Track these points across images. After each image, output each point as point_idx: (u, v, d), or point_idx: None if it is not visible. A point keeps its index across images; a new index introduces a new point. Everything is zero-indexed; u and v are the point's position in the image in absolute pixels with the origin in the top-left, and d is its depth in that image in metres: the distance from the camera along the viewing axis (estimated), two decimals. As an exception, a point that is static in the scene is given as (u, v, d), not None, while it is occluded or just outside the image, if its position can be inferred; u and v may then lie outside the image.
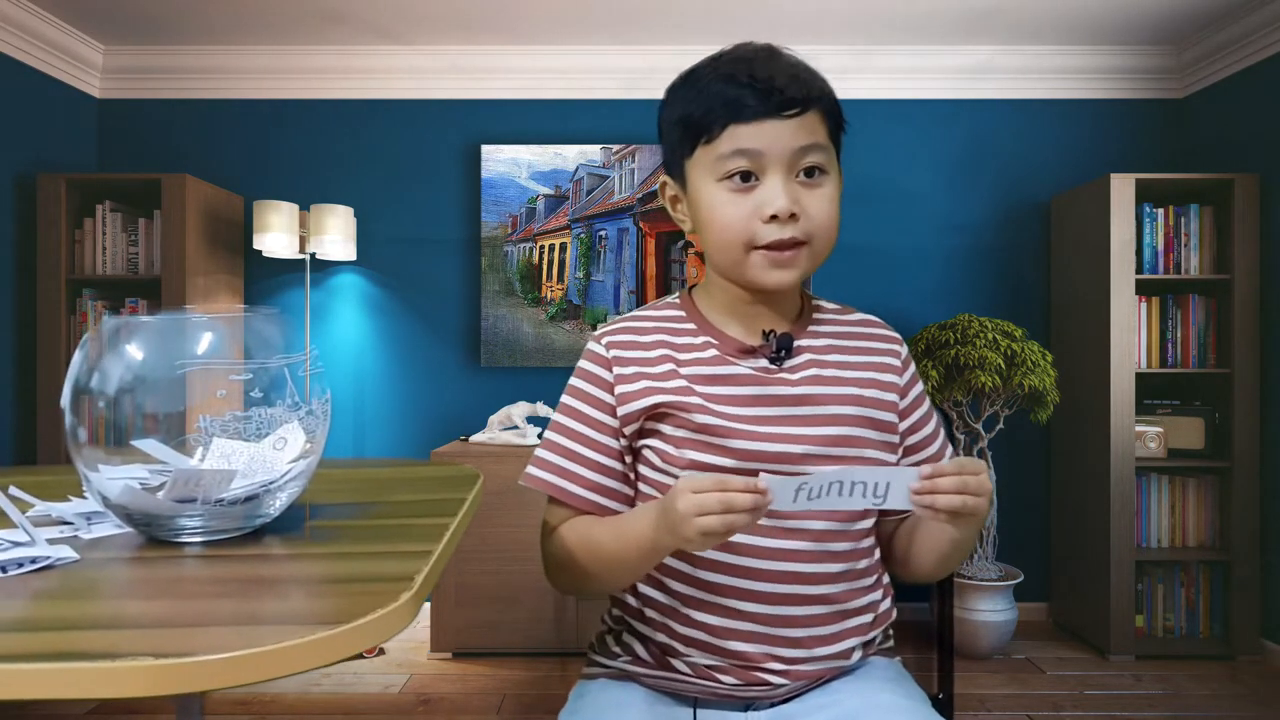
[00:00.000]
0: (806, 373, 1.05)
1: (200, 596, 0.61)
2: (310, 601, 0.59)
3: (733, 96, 0.95)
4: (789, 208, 0.95)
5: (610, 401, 1.06)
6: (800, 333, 1.08)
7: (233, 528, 0.78)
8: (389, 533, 0.80)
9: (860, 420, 1.03)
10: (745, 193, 0.98)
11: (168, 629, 0.54)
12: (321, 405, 0.79)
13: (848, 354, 1.08)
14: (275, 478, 0.74)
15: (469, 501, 0.94)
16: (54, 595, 0.63)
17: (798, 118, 0.96)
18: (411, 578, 0.62)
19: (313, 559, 0.72)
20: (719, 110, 0.96)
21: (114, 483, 0.72)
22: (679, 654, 1.04)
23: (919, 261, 3.54)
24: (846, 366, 1.07)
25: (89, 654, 0.49)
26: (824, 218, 0.99)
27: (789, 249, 0.98)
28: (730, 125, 0.96)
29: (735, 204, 0.98)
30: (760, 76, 0.95)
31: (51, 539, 0.81)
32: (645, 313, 1.14)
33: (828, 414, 1.02)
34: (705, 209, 1.01)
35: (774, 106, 0.95)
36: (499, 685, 2.80)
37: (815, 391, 1.03)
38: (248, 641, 0.50)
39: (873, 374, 1.08)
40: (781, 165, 0.96)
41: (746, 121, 0.95)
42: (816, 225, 0.98)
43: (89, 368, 0.72)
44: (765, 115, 0.95)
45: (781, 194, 0.96)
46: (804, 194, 0.98)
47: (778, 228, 0.97)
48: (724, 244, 1.00)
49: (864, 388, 1.06)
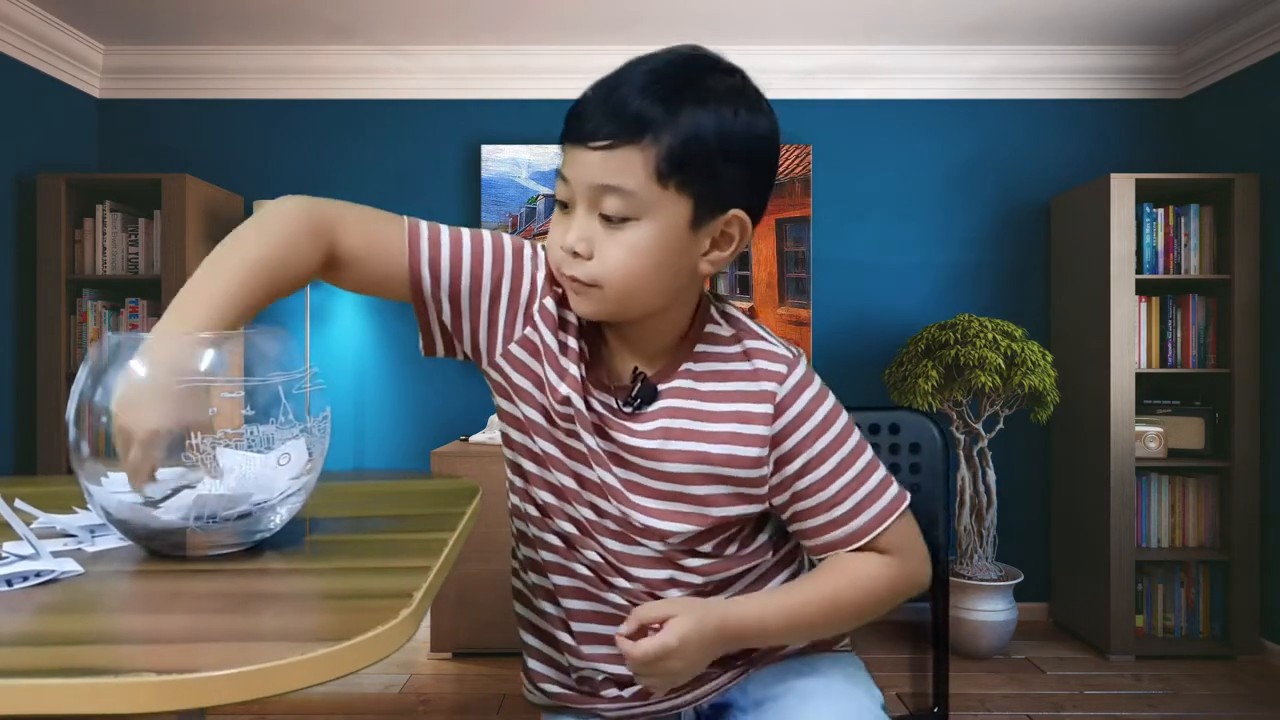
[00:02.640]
0: (652, 425, 0.94)
1: (202, 611, 0.61)
2: (310, 617, 0.60)
3: (572, 111, 0.87)
4: (573, 245, 0.87)
5: (501, 283, 0.94)
6: (670, 372, 0.96)
7: (233, 543, 0.78)
8: (388, 548, 0.80)
9: (708, 478, 0.94)
10: (562, 218, 0.90)
11: (170, 644, 0.54)
12: (319, 423, 0.79)
13: (708, 400, 0.95)
14: (275, 495, 0.74)
15: (467, 516, 0.94)
16: (58, 609, 0.63)
17: (605, 151, 0.83)
18: (410, 594, 0.62)
19: (312, 574, 0.72)
20: (564, 123, 0.89)
21: (115, 497, 0.72)
22: (575, 667, 1.02)
23: (919, 261, 3.54)
24: (703, 418, 0.94)
25: (93, 669, 0.50)
26: (612, 266, 0.86)
27: (577, 283, 0.89)
28: (564, 143, 0.88)
29: (555, 227, 0.91)
30: (591, 96, 0.85)
31: (56, 551, 0.81)
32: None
33: (667, 471, 0.93)
34: None
35: (582, 134, 0.84)
36: (499, 685, 2.80)
37: (660, 447, 0.93)
38: (250, 658, 0.50)
39: (733, 426, 0.94)
40: (584, 199, 0.86)
41: (567, 144, 0.87)
42: (604, 272, 0.86)
43: (93, 381, 0.73)
44: (575, 141, 0.85)
45: (573, 230, 0.87)
46: (602, 235, 0.86)
47: (568, 261, 0.88)
48: (549, 264, 0.94)
49: (715, 443, 0.93)
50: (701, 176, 0.84)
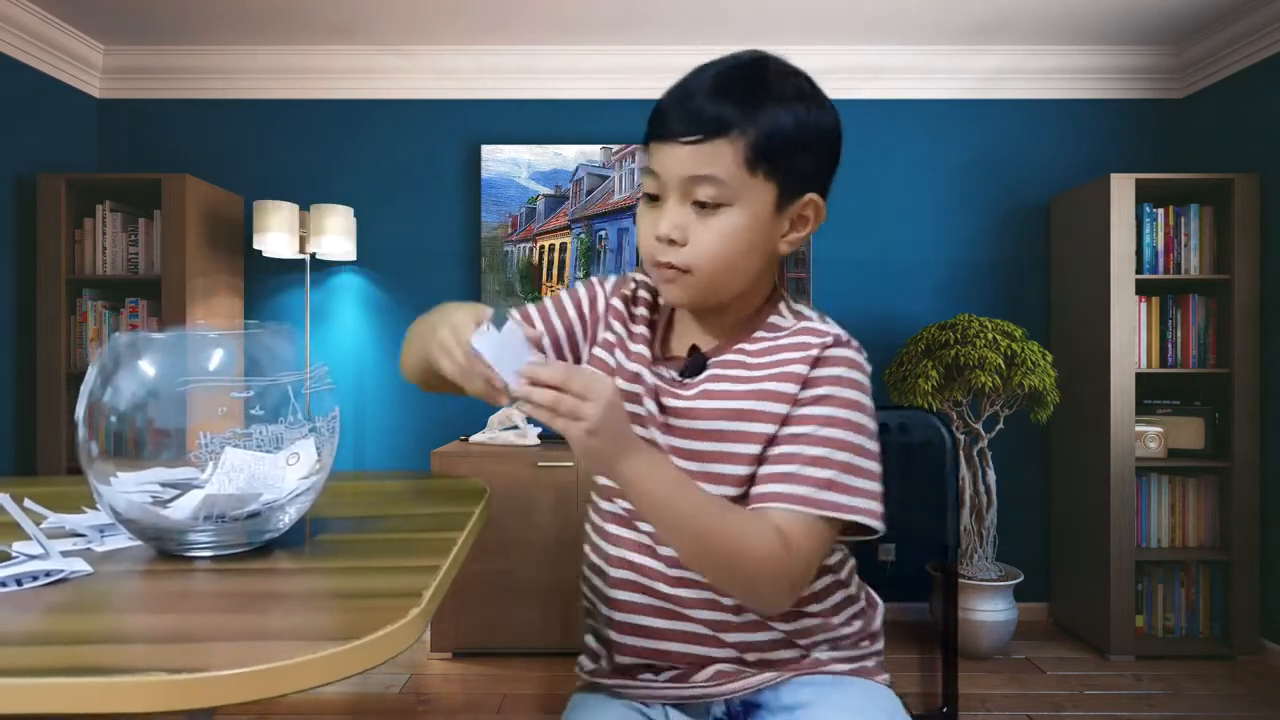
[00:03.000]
0: (697, 389, 1.02)
1: (210, 611, 0.61)
2: (319, 617, 0.60)
3: (658, 112, 0.97)
4: (668, 233, 0.96)
5: (580, 309, 1.13)
6: (725, 348, 1.05)
7: (242, 542, 0.78)
8: (396, 548, 0.80)
9: (729, 435, 0.98)
10: (651, 210, 0.99)
11: (179, 644, 0.54)
12: (328, 422, 0.79)
13: (751, 369, 1.01)
14: (284, 494, 0.74)
15: (476, 516, 0.94)
16: (68, 609, 0.63)
17: (695, 145, 0.93)
18: (419, 593, 0.62)
19: (321, 574, 0.72)
20: (648, 124, 0.99)
21: (124, 497, 0.72)
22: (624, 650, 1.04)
23: (919, 261, 3.54)
24: (741, 380, 1.01)
25: (102, 669, 0.50)
26: (706, 250, 0.96)
27: (672, 269, 0.98)
28: (649, 142, 0.98)
29: (644, 219, 1.00)
30: (677, 97, 0.95)
31: (65, 551, 0.81)
32: (644, 284, 1.14)
33: (700, 428, 0.99)
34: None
35: (675, 131, 0.94)
36: (499, 685, 2.80)
37: (698, 406, 1.00)
38: (259, 657, 0.50)
39: (767, 384, 0.99)
40: (676, 191, 0.96)
41: (654, 141, 0.97)
42: (697, 258, 0.96)
43: (102, 382, 0.73)
44: (664, 138, 0.95)
45: (665, 219, 0.96)
46: (695, 223, 0.96)
47: (663, 249, 0.97)
48: (640, 254, 1.03)
49: (750, 400, 0.99)
50: (784, 165, 0.95)
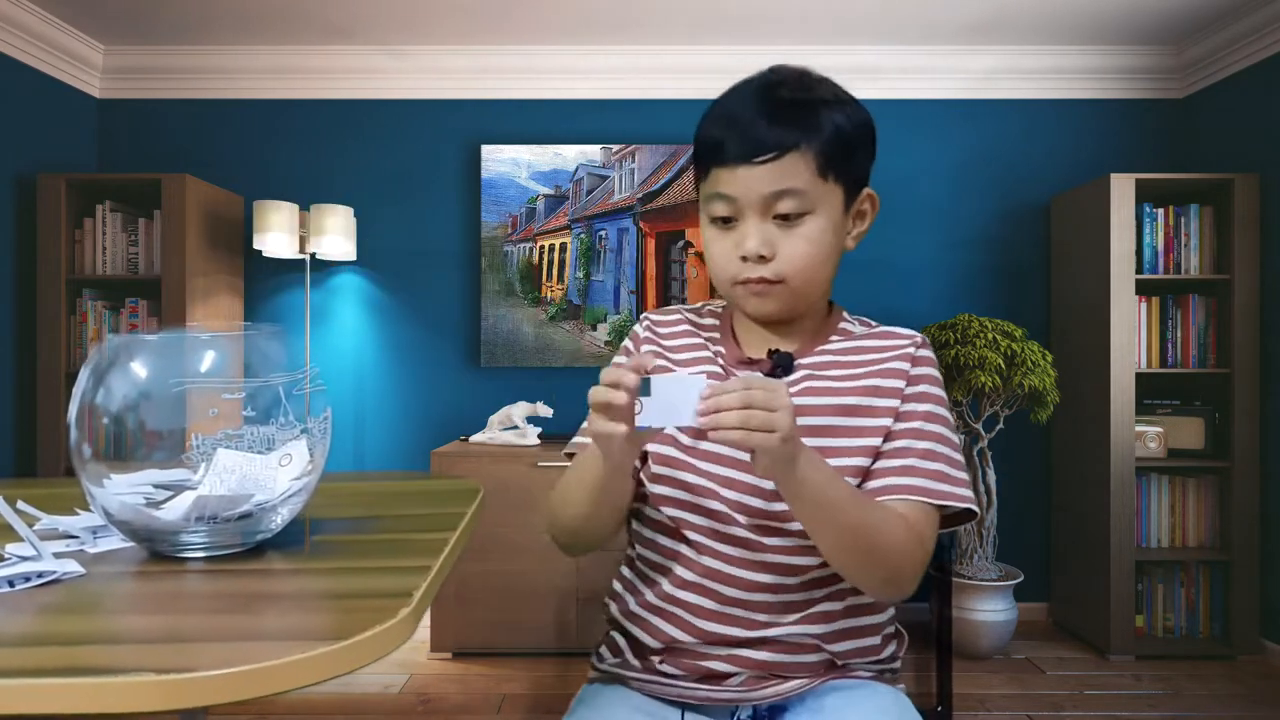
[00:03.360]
0: (799, 386, 1.05)
1: (202, 612, 0.61)
2: (310, 617, 0.60)
3: (716, 139, 0.99)
4: (757, 250, 0.98)
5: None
6: (808, 350, 1.08)
7: (235, 543, 0.78)
8: (389, 548, 0.80)
9: (844, 430, 1.01)
10: (727, 231, 1.02)
11: (170, 644, 0.54)
12: (320, 424, 0.80)
13: (848, 368, 1.06)
14: (277, 495, 0.74)
15: (469, 516, 0.94)
16: (59, 610, 0.64)
17: (772, 163, 0.96)
18: (410, 593, 0.62)
19: (313, 574, 0.72)
20: (705, 154, 1.01)
21: (117, 499, 0.72)
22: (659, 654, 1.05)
23: (919, 261, 3.54)
24: (843, 379, 1.05)
25: (93, 669, 0.50)
26: (798, 259, 0.99)
27: (762, 283, 1.01)
28: (713, 169, 1.00)
29: (719, 242, 1.03)
30: (739, 120, 0.97)
31: (58, 553, 0.81)
32: (687, 312, 1.19)
33: (808, 425, 1.01)
34: (704, 242, 1.06)
35: (746, 153, 0.96)
36: (499, 685, 2.80)
37: (805, 403, 1.03)
38: (248, 657, 0.50)
39: (874, 380, 1.04)
40: (755, 209, 0.98)
41: (723, 166, 0.98)
42: (789, 267, 0.99)
43: (94, 384, 0.73)
44: (738, 161, 0.97)
45: (751, 237, 0.99)
46: (779, 236, 0.99)
47: (751, 267, 1.00)
48: (715, 277, 1.06)
49: (860, 396, 1.03)
50: (847, 166, 1.00)
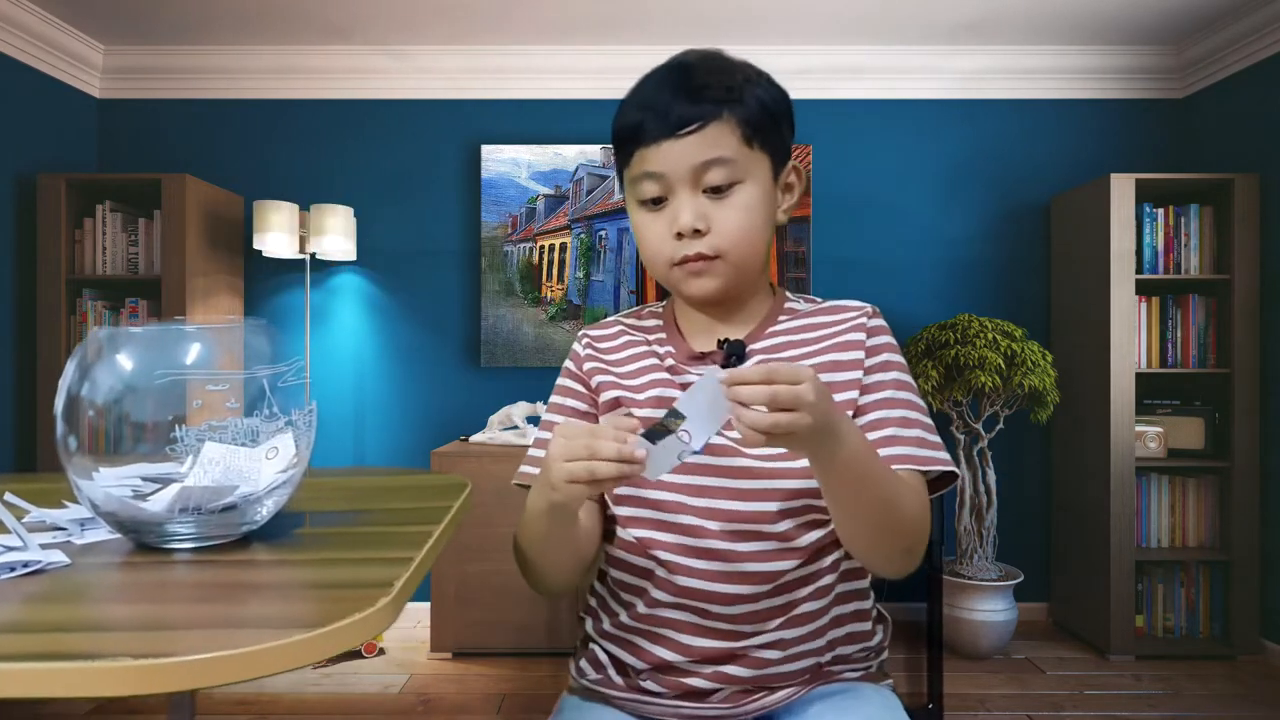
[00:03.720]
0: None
1: (185, 601, 0.62)
2: (291, 606, 0.60)
3: (635, 121, 0.98)
4: (692, 224, 0.97)
5: (586, 393, 1.10)
6: (758, 335, 1.07)
7: (220, 535, 0.79)
8: (373, 540, 0.81)
9: None
10: (658, 212, 1.00)
11: (150, 631, 0.55)
12: (305, 416, 0.80)
13: (802, 346, 1.05)
14: (261, 487, 0.74)
15: (454, 509, 0.94)
16: (43, 598, 0.64)
17: (697, 133, 0.95)
18: (391, 584, 0.63)
19: (297, 565, 0.72)
20: (627, 136, 1.00)
21: (103, 490, 0.72)
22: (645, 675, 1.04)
23: (919, 262, 3.54)
24: (799, 359, 1.04)
25: (72, 654, 0.50)
26: (733, 229, 0.98)
27: (700, 261, 0.99)
28: (636, 150, 0.99)
29: (651, 224, 1.01)
30: (657, 98, 0.97)
31: (44, 544, 0.82)
32: (626, 320, 1.17)
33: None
34: (634, 229, 1.05)
35: (668, 127, 0.95)
36: (499, 685, 2.80)
37: None
38: (226, 644, 0.51)
39: (831, 355, 1.03)
40: (685, 183, 0.97)
41: (647, 144, 0.97)
42: (725, 239, 0.98)
43: (80, 376, 0.73)
44: (661, 136, 0.96)
45: (685, 210, 0.97)
46: (712, 208, 0.98)
47: (686, 244, 0.98)
48: (650, 262, 1.04)
49: (825, 372, 1.01)
50: (772, 135, 0.99)
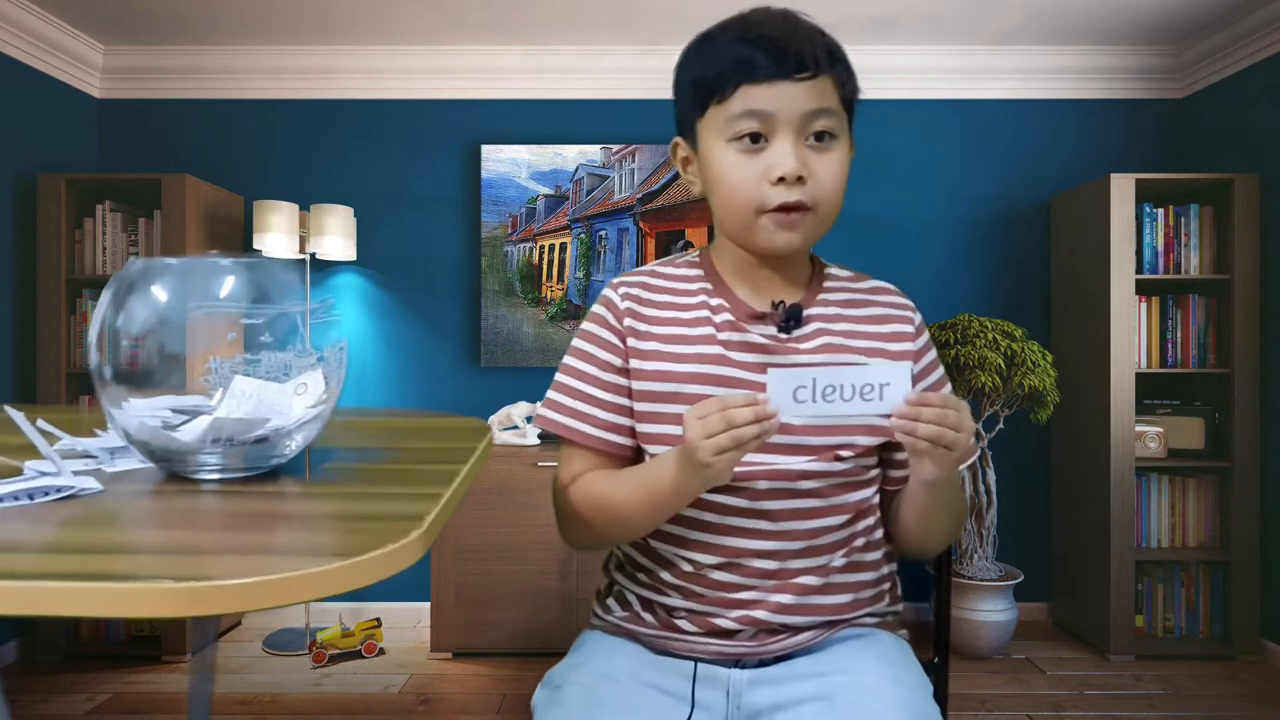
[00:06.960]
0: (816, 342, 1.04)
1: (216, 529, 0.62)
2: (322, 536, 0.60)
3: (746, 56, 0.94)
4: (797, 170, 0.94)
5: (621, 347, 1.07)
6: (810, 301, 1.07)
7: (249, 467, 0.79)
8: (400, 476, 0.81)
9: None
10: (754, 154, 0.97)
11: (185, 555, 0.55)
12: (336, 353, 0.80)
13: (856, 323, 1.07)
14: (292, 421, 0.74)
15: (479, 451, 0.94)
16: (79, 522, 0.64)
17: (810, 81, 0.94)
18: (421, 517, 0.63)
19: (325, 498, 0.72)
20: (731, 70, 0.95)
21: (136, 419, 0.72)
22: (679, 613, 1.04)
23: (918, 261, 3.55)
24: (855, 335, 1.06)
25: (112, 575, 0.50)
26: (831, 182, 0.97)
27: (795, 212, 0.97)
28: (742, 85, 0.95)
29: (744, 166, 0.97)
30: (775, 38, 0.94)
31: (77, 470, 0.83)
32: (662, 269, 1.13)
33: None
34: (715, 169, 1.00)
35: (787, 68, 0.94)
36: (499, 685, 2.79)
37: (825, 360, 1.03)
38: (263, 569, 0.50)
39: (881, 344, 1.06)
40: (792, 128, 0.95)
41: (758, 82, 0.94)
42: (823, 190, 0.97)
43: (115, 308, 0.74)
44: (777, 76, 0.94)
45: (790, 155, 0.94)
46: (813, 158, 0.96)
47: (785, 190, 0.95)
48: (732, 206, 1.00)
49: (872, 357, 1.05)
50: (851, 105, 1.02)
